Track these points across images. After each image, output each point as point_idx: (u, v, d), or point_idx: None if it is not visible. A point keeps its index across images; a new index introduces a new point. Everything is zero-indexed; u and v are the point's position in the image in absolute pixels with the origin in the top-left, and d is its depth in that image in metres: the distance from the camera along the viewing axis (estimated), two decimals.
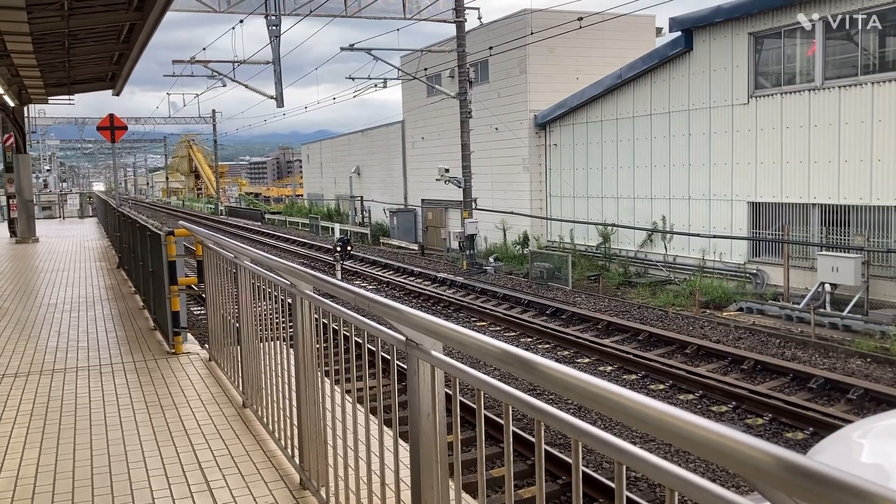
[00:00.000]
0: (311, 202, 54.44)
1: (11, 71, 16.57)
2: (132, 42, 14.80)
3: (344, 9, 23.42)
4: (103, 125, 19.78)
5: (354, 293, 2.98)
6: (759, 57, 20.04)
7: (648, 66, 23.20)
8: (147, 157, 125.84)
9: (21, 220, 21.85)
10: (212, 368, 6.68)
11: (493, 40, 27.31)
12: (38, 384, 6.35)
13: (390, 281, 22.39)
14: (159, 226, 8.39)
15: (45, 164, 65.16)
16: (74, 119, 61.52)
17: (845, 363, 12.65)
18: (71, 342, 7.99)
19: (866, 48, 17.51)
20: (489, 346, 2.01)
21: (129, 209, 14.42)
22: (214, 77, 33.03)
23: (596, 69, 26.87)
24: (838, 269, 16.63)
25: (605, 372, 12.66)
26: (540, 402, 1.85)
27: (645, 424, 1.41)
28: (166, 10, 11.72)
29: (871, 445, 3.46)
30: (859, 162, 17.42)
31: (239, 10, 23.06)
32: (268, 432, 4.80)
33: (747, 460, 1.16)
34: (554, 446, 8.43)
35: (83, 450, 4.76)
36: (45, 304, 10.47)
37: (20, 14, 10.03)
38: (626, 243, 24.30)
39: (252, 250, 4.98)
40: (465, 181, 25.76)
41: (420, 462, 2.56)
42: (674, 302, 18.43)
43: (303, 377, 3.84)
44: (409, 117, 38.63)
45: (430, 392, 2.54)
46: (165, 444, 4.83)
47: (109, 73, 19.81)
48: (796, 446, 9.24)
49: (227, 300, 5.89)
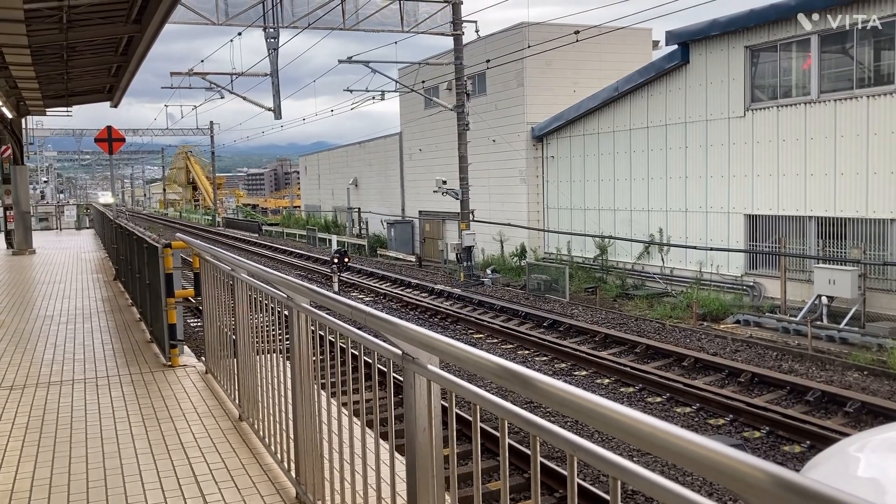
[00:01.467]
0: (309, 214, 54.48)
1: (10, 83, 16.60)
2: (130, 54, 14.84)
3: (342, 21, 23.51)
4: (101, 137, 19.79)
5: (351, 307, 2.98)
6: (755, 70, 20.14)
7: (645, 79, 23.31)
8: (144, 169, 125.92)
9: (18, 231, 21.82)
10: (208, 381, 6.67)
11: (491, 53, 27.42)
12: (33, 397, 6.33)
13: (387, 293, 22.38)
14: (156, 238, 8.38)
15: (43, 176, 65.16)
16: (72, 131, 61.60)
17: (842, 376, 12.65)
18: (67, 354, 7.97)
19: (861, 62, 17.61)
20: (485, 361, 2.01)
21: (126, 221, 14.42)
22: (212, 89, 33.08)
23: (593, 82, 26.98)
24: (835, 281, 16.66)
25: (602, 385, 12.65)
26: (536, 416, 1.85)
27: (638, 440, 1.42)
28: (165, 22, 11.76)
29: (868, 459, 3.46)
30: (855, 175, 17.48)
31: (237, 23, 23.13)
32: (264, 446, 4.79)
33: (740, 476, 1.17)
34: (551, 459, 8.42)
35: (79, 463, 4.75)
36: (41, 316, 10.45)
37: (19, 26, 10.06)
38: (624, 255, 24.33)
39: (249, 263, 4.98)
40: (463, 193, 25.80)
41: (416, 476, 2.56)
42: (671, 314, 18.44)
43: (299, 390, 3.84)
44: (406, 129, 38.73)
45: (426, 406, 2.54)
46: (161, 457, 4.82)
47: (107, 85, 19.85)
48: (793, 459, 9.23)
49: (224, 313, 5.88)
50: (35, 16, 10.70)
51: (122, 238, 12.36)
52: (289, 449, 4.15)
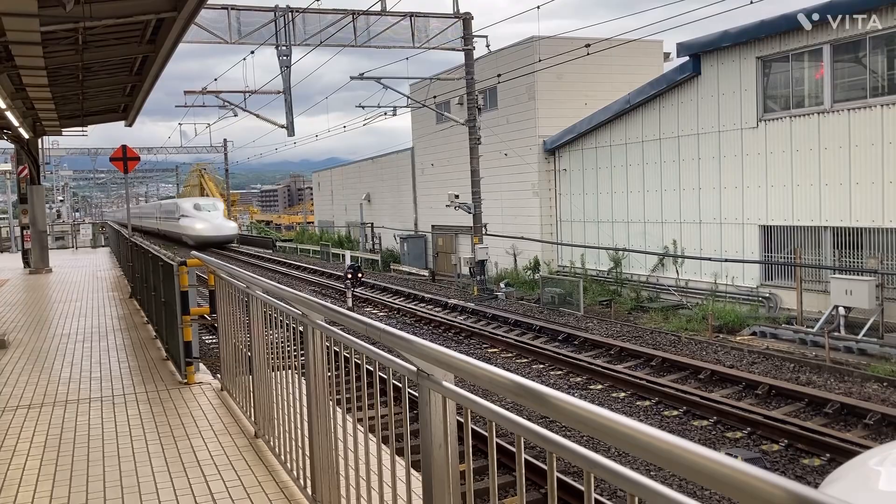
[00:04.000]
0: (322, 229, 54.65)
1: (27, 104, 16.80)
2: (145, 74, 14.99)
3: (353, 38, 23.68)
4: (116, 156, 19.96)
5: (365, 324, 2.99)
6: (767, 81, 20.09)
7: (657, 91, 23.30)
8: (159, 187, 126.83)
9: (34, 250, 22.01)
10: (224, 398, 6.68)
11: (502, 67, 27.50)
12: (51, 415, 6.37)
13: (401, 307, 22.38)
14: (172, 256, 8.44)
15: (59, 195, 65.74)
16: (87, 150, 62.30)
17: (861, 387, 12.52)
18: (84, 373, 8.02)
19: (875, 70, 17.54)
20: (500, 377, 2.01)
21: (140, 238, 14.53)
22: (226, 107, 33.38)
23: (604, 95, 26.99)
24: (852, 292, 16.51)
25: (618, 398, 12.57)
26: (552, 433, 1.85)
27: (655, 457, 1.41)
28: (178, 42, 11.87)
29: (888, 473, 3.42)
30: (870, 184, 17.37)
31: (250, 41, 23.34)
32: (280, 463, 4.79)
33: (758, 494, 1.16)
34: (567, 474, 8.36)
35: (96, 482, 4.76)
36: (58, 335, 10.52)
37: (36, 49, 10.19)
38: (638, 268, 24.24)
39: (264, 280, 5.00)
40: (475, 207, 25.83)
41: (433, 493, 2.55)
42: (686, 326, 18.33)
43: (314, 407, 3.84)
44: (418, 144, 38.86)
45: (441, 422, 2.54)
46: (178, 475, 4.83)
47: (122, 104, 20.04)
48: (813, 473, 9.14)
49: (239, 330, 5.91)
50: (51, 38, 10.84)
51: (137, 256, 12.44)
52: (304, 466, 4.15)
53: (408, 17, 24.33)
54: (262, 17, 23.18)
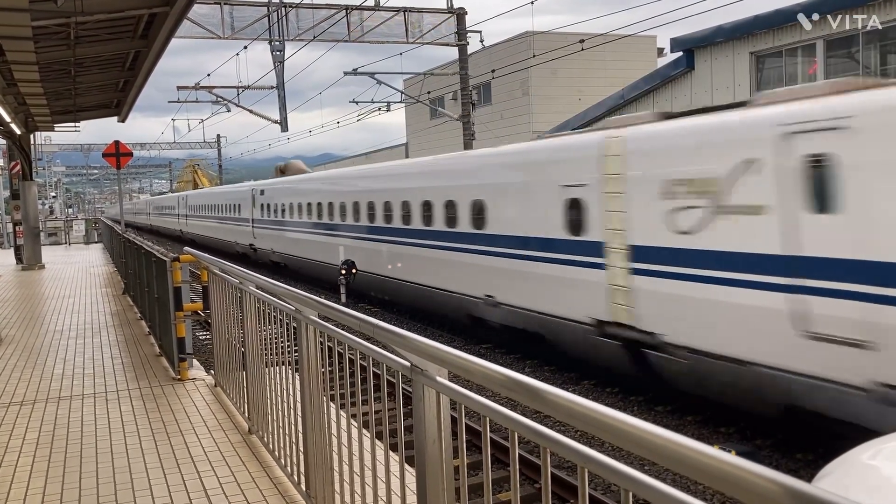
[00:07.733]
0: None
1: (18, 99, 16.71)
2: (137, 69, 14.93)
3: (347, 34, 23.62)
4: (109, 152, 19.88)
5: (359, 319, 2.98)
6: (760, 76, 20.11)
7: (651, 86, 23.31)
8: (152, 182, 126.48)
9: (27, 246, 21.93)
10: (217, 394, 6.67)
11: (496, 63, 27.50)
12: (43, 412, 6.35)
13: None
14: (165, 252, 8.41)
15: (51, 191, 65.52)
16: (80, 146, 61.94)
17: None
18: (77, 369, 7.99)
19: (868, 66, 17.57)
20: (494, 372, 2.01)
21: (133, 234, 14.49)
22: (219, 102, 33.28)
23: (598, 90, 27.03)
24: None
25: (611, 392, 12.58)
26: (545, 428, 1.85)
27: (649, 451, 1.41)
28: (171, 37, 11.83)
29: (880, 467, 3.43)
30: None
31: (243, 37, 23.25)
32: (274, 459, 4.78)
33: (753, 488, 1.16)
34: (561, 469, 8.37)
35: (89, 478, 4.75)
36: (50, 331, 10.49)
37: (27, 44, 10.13)
38: None
39: (257, 276, 4.99)
40: None
41: (426, 488, 2.55)
42: None
43: (308, 402, 3.84)
44: (412, 140, 38.84)
45: (435, 418, 2.54)
46: (171, 471, 4.82)
47: (115, 100, 19.96)
48: (806, 467, 9.17)
49: (233, 326, 5.89)
50: (43, 33, 10.78)
51: (130, 252, 12.41)
52: (298, 462, 4.14)
53: (401, 12, 24.28)
54: (254, 12, 23.09)
